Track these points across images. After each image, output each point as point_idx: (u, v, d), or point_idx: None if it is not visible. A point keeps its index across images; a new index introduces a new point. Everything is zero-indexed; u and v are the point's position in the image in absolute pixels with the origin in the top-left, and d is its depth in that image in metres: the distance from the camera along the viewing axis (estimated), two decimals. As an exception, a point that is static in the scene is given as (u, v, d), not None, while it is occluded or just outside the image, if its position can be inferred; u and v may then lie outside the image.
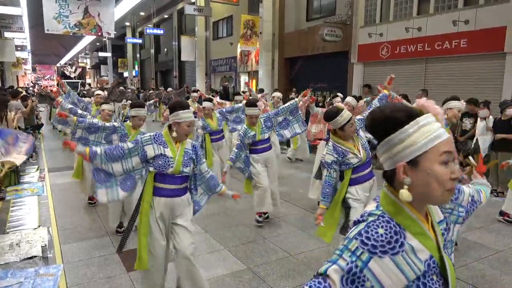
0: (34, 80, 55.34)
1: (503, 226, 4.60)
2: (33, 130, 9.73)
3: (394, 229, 0.95)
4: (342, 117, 3.10)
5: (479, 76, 8.31)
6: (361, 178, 3.24)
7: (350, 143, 3.19)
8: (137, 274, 3.39)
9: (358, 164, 3.19)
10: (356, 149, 3.18)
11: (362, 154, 3.19)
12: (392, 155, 0.98)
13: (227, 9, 17.85)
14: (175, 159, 2.66)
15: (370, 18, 10.84)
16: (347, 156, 3.14)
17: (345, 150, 3.14)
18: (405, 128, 0.96)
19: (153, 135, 2.72)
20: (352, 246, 0.93)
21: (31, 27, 27.19)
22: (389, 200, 1.01)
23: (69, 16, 12.70)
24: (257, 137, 4.51)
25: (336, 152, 3.15)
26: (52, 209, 5.19)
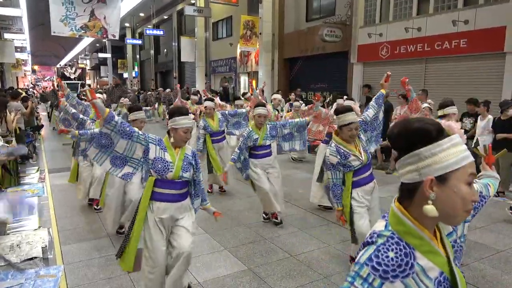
0: (34, 82, 55.36)
1: (504, 226, 4.60)
2: (33, 131, 9.74)
3: (404, 250, 0.95)
4: (345, 118, 3.14)
5: (479, 76, 8.31)
6: (362, 181, 3.25)
7: (352, 145, 3.21)
8: (138, 275, 3.39)
9: (360, 167, 3.20)
10: (357, 152, 3.19)
11: (363, 157, 3.20)
12: (419, 168, 0.97)
13: (227, 10, 17.86)
14: (174, 163, 2.68)
15: (370, 18, 10.84)
16: (349, 158, 3.16)
17: (347, 152, 3.16)
18: (439, 143, 0.95)
19: (157, 138, 2.77)
20: (363, 273, 0.92)
21: (31, 29, 27.22)
22: (398, 219, 1.00)
23: (75, 19, 12.75)
24: (259, 142, 4.49)
25: (338, 154, 3.16)
26: (52, 210, 5.19)
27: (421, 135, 0.96)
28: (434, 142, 0.95)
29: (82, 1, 12.73)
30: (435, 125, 0.98)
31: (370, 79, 10.94)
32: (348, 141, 3.21)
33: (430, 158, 0.95)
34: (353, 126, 3.14)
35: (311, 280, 3.33)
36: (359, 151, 3.20)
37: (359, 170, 3.22)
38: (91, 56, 46.81)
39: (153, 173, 2.68)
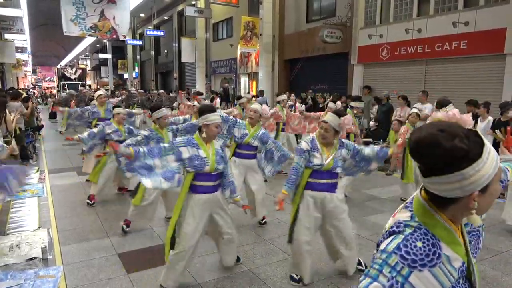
0: (34, 82, 55.39)
1: (504, 228, 4.59)
2: (33, 132, 9.73)
3: (432, 241, 0.97)
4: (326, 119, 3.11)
5: (479, 77, 8.31)
6: (316, 185, 3.13)
7: (326, 147, 3.13)
8: (138, 275, 3.39)
9: (318, 169, 3.10)
10: (326, 154, 3.10)
11: (327, 163, 3.08)
12: (463, 186, 0.93)
13: (227, 11, 17.87)
14: (209, 158, 2.97)
15: (370, 19, 10.85)
16: (314, 152, 3.09)
17: (317, 148, 3.10)
18: (482, 159, 0.93)
19: (186, 139, 3.03)
20: (391, 261, 0.94)
21: (32, 29, 27.24)
22: (426, 213, 1.01)
23: (85, 19, 12.86)
24: (246, 139, 4.36)
25: (311, 143, 3.12)
26: (52, 210, 5.19)
27: (464, 157, 0.92)
28: (477, 160, 0.92)
29: (92, 1, 12.84)
30: (475, 141, 0.94)
31: (371, 80, 10.94)
32: (324, 141, 3.13)
33: (475, 175, 0.92)
34: (324, 125, 3.07)
35: (311, 281, 3.32)
36: (328, 156, 3.10)
37: (318, 173, 3.11)
38: (92, 56, 46.85)
39: (191, 169, 2.94)
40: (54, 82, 52.40)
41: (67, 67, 56.37)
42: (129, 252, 3.92)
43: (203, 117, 2.99)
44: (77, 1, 12.47)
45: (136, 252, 3.93)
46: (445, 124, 0.97)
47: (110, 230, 4.49)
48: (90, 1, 12.71)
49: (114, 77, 38.03)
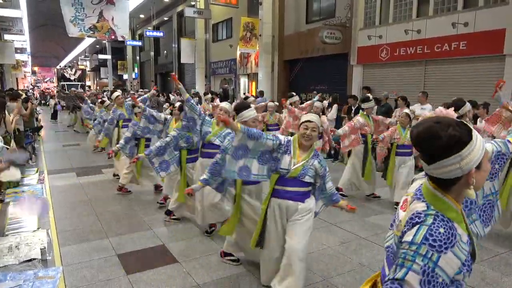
0: (33, 83, 55.39)
1: (503, 229, 4.59)
2: (33, 132, 9.72)
3: (449, 224, 1.14)
4: (303, 117, 2.93)
5: (479, 78, 8.32)
6: (282, 193, 2.87)
7: (300, 153, 2.86)
8: (137, 276, 3.39)
9: (284, 174, 2.84)
10: (296, 160, 2.84)
11: (293, 169, 2.81)
12: (462, 166, 1.14)
13: (227, 12, 17.88)
14: None
15: (370, 20, 10.86)
16: (285, 154, 2.84)
17: (290, 150, 2.85)
18: (472, 141, 1.15)
19: None
20: (422, 251, 1.09)
21: (31, 30, 27.23)
22: (438, 199, 1.20)
23: (84, 20, 12.90)
24: (208, 137, 4.14)
25: (286, 141, 2.89)
26: (51, 211, 5.18)
27: (459, 141, 1.13)
28: (469, 142, 1.14)
29: (91, 2, 12.86)
30: (464, 128, 1.15)
31: (370, 81, 10.95)
32: (301, 145, 2.86)
33: (469, 155, 1.13)
34: (309, 125, 2.82)
35: (311, 282, 3.32)
36: (298, 161, 2.82)
37: (284, 179, 2.85)
38: (91, 57, 46.84)
39: None
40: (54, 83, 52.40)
41: (67, 68, 56.44)
42: (129, 253, 3.92)
43: (239, 116, 3.15)
44: (75, 2, 12.50)
45: (136, 253, 3.93)
46: (439, 117, 1.19)
47: (110, 231, 4.49)
48: (89, 2, 12.74)
49: (113, 78, 38.05)
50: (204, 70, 21.02)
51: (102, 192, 6.19)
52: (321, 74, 13.18)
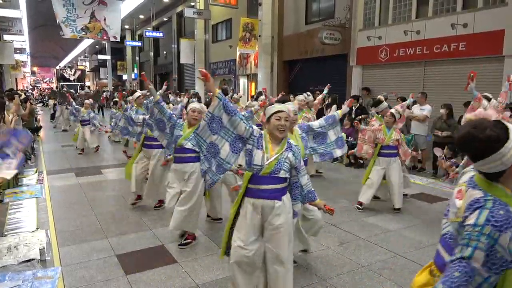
0: (33, 83, 55.36)
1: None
2: (32, 133, 9.72)
3: (506, 207, 1.30)
4: (275, 107, 2.67)
5: (478, 79, 8.22)
6: (257, 192, 2.61)
7: (273, 146, 2.65)
8: (136, 276, 3.39)
9: (258, 171, 2.58)
10: (269, 154, 2.60)
11: (267, 165, 2.57)
12: (504, 161, 1.32)
13: (226, 12, 17.88)
14: None
15: (369, 21, 10.87)
16: (257, 149, 2.62)
17: (261, 145, 2.64)
18: (510, 139, 1.31)
19: None
20: (486, 231, 1.25)
21: (31, 30, 27.22)
22: (493, 187, 1.38)
23: (76, 20, 12.89)
24: (179, 141, 3.96)
25: (258, 134, 2.69)
26: (50, 211, 5.18)
27: (497, 141, 1.31)
28: (507, 141, 1.30)
29: (83, 3, 12.85)
30: (501, 128, 1.33)
31: (369, 82, 10.96)
32: (274, 137, 2.63)
33: (509, 152, 1.30)
34: (282, 115, 2.58)
35: (310, 283, 3.32)
36: (271, 155, 2.59)
37: (258, 177, 2.59)
38: (91, 57, 46.83)
39: None
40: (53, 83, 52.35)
41: (66, 68, 56.42)
42: (128, 253, 3.91)
43: None
44: (67, 3, 12.49)
45: (135, 253, 3.92)
46: (476, 121, 1.39)
47: (109, 231, 4.49)
48: (81, 2, 12.72)
49: (113, 78, 38.04)
50: (204, 71, 21.01)
51: (101, 192, 6.19)
52: (321, 75, 13.18)
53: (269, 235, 2.65)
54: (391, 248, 4.05)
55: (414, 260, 3.77)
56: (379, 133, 5.24)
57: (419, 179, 7.13)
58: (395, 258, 3.82)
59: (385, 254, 3.91)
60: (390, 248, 4.07)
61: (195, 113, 3.91)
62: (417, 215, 5.16)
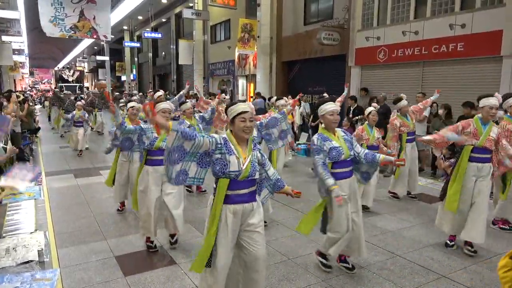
0: (31, 84, 55.29)
1: (501, 229, 4.60)
2: (30, 134, 9.71)
3: None
4: (237, 107, 2.56)
5: (476, 79, 8.34)
6: (237, 197, 2.54)
7: (241, 147, 2.57)
8: (135, 278, 3.38)
9: (237, 176, 2.49)
10: (242, 157, 2.52)
11: (245, 168, 2.50)
12: None
13: (225, 13, 17.89)
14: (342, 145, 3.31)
15: (367, 21, 10.88)
16: (230, 156, 2.49)
17: (232, 149, 2.53)
18: None
19: None
20: None
21: (29, 31, 27.17)
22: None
23: (64, 19, 12.77)
24: (156, 144, 3.82)
25: (223, 140, 2.54)
26: (49, 213, 5.17)
27: None
28: None
29: (71, 1, 12.73)
30: None
31: (368, 83, 10.97)
32: (239, 138, 2.56)
33: None
34: (246, 116, 2.51)
35: (309, 284, 3.32)
36: (244, 159, 2.52)
37: (237, 182, 2.51)
38: (89, 58, 46.84)
39: None
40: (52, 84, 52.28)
41: (65, 69, 56.33)
42: (127, 254, 3.91)
43: (319, 109, 3.36)
44: (55, 1, 12.38)
45: (134, 254, 3.92)
46: None
47: (108, 232, 4.48)
48: (69, 1, 12.61)
49: (111, 79, 38.04)
50: (202, 72, 21.02)
51: (100, 193, 6.18)
52: (319, 76, 13.19)
53: (246, 236, 2.60)
54: (390, 249, 4.05)
55: (413, 260, 3.77)
56: (364, 134, 5.21)
57: (418, 180, 7.13)
58: (394, 259, 3.82)
59: (384, 255, 3.91)
60: (389, 248, 4.07)
61: (165, 113, 3.72)
62: (416, 216, 5.16)
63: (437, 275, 3.48)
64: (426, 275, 3.47)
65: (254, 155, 2.60)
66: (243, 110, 2.53)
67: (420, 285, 3.32)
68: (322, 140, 3.27)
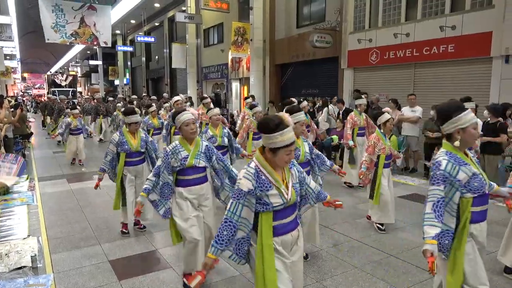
0: (23, 89, 54.85)
1: (493, 228, 4.64)
2: (23, 139, 9.63)
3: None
4: (277, 140, 2.06)
5: (466, 80, 8.44)
6: (281, 227, 2.20)
7: (276, 172, 2.18)
8: (130, 282, 3.37)
9: (280, 208, 2.16)
10: (282, 183, 2.17)
11: (290, 195, 2.18)
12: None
13: (218, 17, 17.93)
14: None
15: (359, 24, 10.97)
16: (267, 191, 2.12)
17: (267, 181, 2.14)
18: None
19: None
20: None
21: (21, 36, 27.02)
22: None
23: (65, 26, 12.82)
24: (189, 161, 3.13)
25: (255, 177, 2.12)
26: (42, 218, 5.13)
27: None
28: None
29: (72, 8, 12.78)
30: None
31: (361, 85, 11.04)
32: (276, 165, 2.17)
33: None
34: (292, 148, 2.11)
35: (304, 285, 3.32)
36: (284, 183, 2.19)
37: (279, 212, 2.17)
38: (82, 63, 46.57)
39: None
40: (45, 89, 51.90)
41: (58, 74, 55.95)
42: (121, 258, 3.89)
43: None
44: (56, 8, 12.42)
45: (128, 258, 3.90)
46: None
47: (101, 237, 4.46)
48: (70, 8, 12.66)
49: (104, 84, 37.86)
50: (196, 75, 21.01)
51: (93, 198, 6.15)
52: (312, 78, 13.26)
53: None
54: (384, 249, 4.08)
55: (407, 260, 3.80)
56: (380, 142, 4.56)
57: (411, 180, 7.19)
58: (388, 259, 3.85)
59: (379, 255, 3.93)
60: (383, 249, 4.09)
61: (189, 125, 3.17)
62: (409, 216, 5.20)
63: (430, 274, 3.50)
64: (420, 275, 3.50)
65: (294, 175, 2.25)
66: (290, 141, 2.04)
67: (414, 284, 3.34)
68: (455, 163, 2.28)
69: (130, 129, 4.41)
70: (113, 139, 4.41)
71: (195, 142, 3.21)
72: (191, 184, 3.18)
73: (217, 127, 4.93)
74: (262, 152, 2.15)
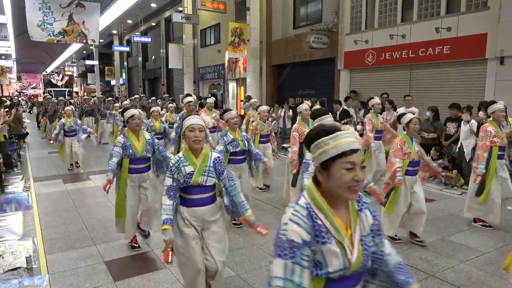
0: (19, 89, 54.57)
1: (488, 229, 4.67)
2: (18, 139, 9.58)
3: None
4: (332, 149, 1.60)
5: (462, 81, 8.49)
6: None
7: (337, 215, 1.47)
8: (125, 283, 3.36)
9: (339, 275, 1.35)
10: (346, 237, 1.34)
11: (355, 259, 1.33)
12: None
13: (215, 17, 17.94)
14: None
15: (356, 25, 11.00)
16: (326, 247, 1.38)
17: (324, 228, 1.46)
18: None
19: None
20: None
21: (16, 36, 26.88)
22: None
23: (53, 24, 12.69)
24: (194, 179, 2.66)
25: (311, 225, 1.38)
26: (37, 219, 5.11)
27: None
28: None
29: (60, 6, 12.66)
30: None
31: (357, 85, 11.08)
32: (336, 199, 1.36)
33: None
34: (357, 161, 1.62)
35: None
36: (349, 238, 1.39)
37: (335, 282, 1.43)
38: (78, 63, 46.37)
39: None
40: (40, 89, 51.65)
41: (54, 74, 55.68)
42: (116, 259, 3.88)
43: None
44: (43, 6, 12.29)
45: (123, 259, 3.89)
46: None
47: (97, 238, 4.45)
48: (58, 5, 12.52)
49: (101, 84, 37.71)
50: (193, 75, 21.00)
51: (89, 199, 6.13)
52: (309, 79, 13.29)
53: None
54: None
55: (402, 259, 3.81)
56: (405, 146, 4.12)
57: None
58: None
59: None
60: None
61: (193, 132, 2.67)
62: (405, 216, 5.21)
63: (425, 274, 3.52)
64: (415, 275, 3.51)
65: (363, 223, 1.42)
66: (349, 148, 1.30)
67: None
68: None
69: (130, 126, 4.03)
70: (118, 141, 4.03)
71: (202, 155, 2.70)
72: (196, 204, 2.69)
73: (235, 130, 4.60)
74: (316, 184, 1.40)
